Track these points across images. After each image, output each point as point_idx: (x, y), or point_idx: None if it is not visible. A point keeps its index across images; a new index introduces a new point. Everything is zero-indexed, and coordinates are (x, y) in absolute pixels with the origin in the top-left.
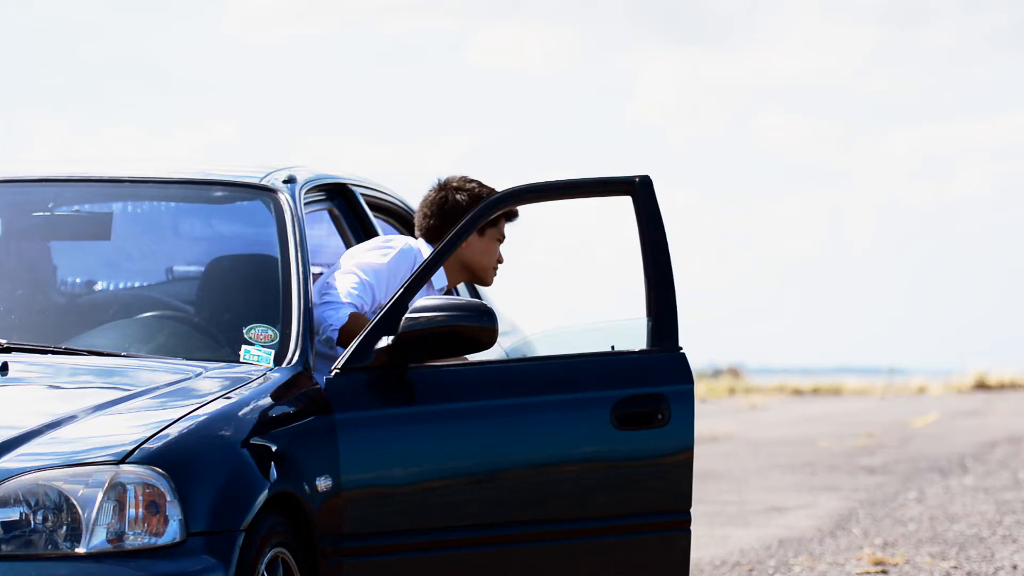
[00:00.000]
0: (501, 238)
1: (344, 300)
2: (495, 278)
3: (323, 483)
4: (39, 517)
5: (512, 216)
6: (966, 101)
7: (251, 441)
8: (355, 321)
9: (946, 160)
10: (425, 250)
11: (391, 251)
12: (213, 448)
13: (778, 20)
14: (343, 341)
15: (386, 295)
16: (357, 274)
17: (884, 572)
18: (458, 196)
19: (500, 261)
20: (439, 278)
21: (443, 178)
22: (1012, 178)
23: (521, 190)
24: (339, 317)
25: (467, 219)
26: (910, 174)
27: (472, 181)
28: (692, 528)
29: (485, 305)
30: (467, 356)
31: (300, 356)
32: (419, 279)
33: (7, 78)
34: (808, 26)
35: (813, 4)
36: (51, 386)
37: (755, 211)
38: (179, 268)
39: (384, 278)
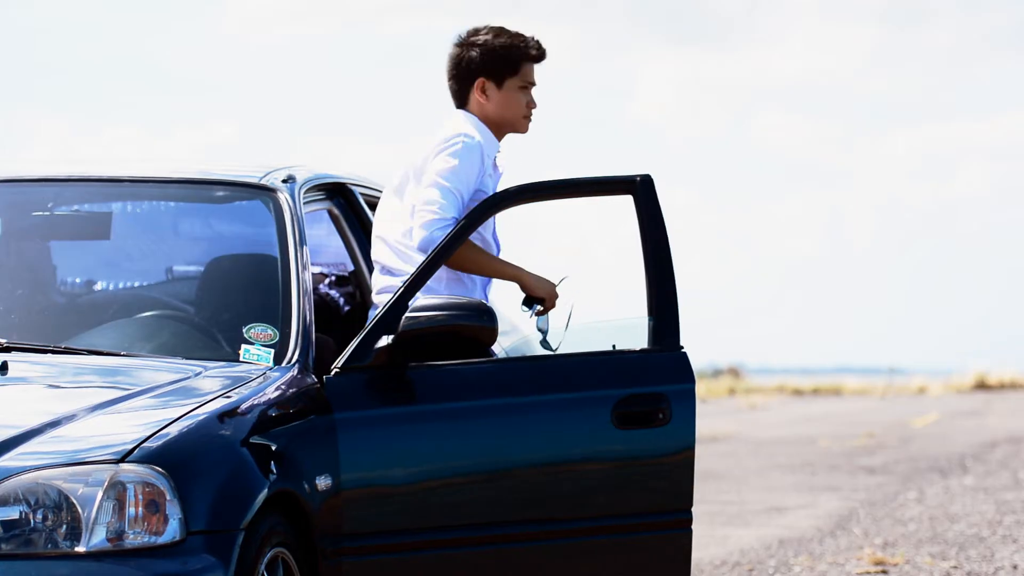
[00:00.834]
0: (526, 84)
1: (445, 216)
2: (530, 125)
3: (323, 482)
4: (39, 516)
5: (540, 58)
6: (966, 101)
7: (251, 440)
8: None
9: (946, 160)
10: (473, 130)
11: (456, 147)
12: (213, 447)
13: (778, 20)
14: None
15: (468, 190)
16: (439, 184)
17: (884, 572)
18: (472, 52)
19: (533, 106)
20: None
21: (464, 32)
22: (1012, 178)
23: (521, 189)
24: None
25: (463, 221)
26: (910, 174)
27: (489, 31)
28: (692, 528)
29: (485, 304)
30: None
31: (300, 355)
32: (419, 279)
33: (7, 78)
34: (808, 26)
35: (813, 4)
36: (51, 385)
37: (755, 211)
38: (179, 268)
39: (462, 178)
